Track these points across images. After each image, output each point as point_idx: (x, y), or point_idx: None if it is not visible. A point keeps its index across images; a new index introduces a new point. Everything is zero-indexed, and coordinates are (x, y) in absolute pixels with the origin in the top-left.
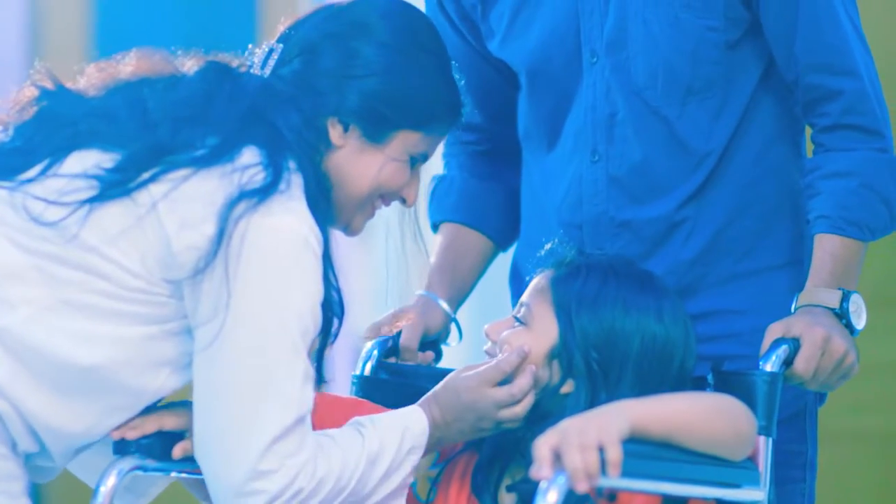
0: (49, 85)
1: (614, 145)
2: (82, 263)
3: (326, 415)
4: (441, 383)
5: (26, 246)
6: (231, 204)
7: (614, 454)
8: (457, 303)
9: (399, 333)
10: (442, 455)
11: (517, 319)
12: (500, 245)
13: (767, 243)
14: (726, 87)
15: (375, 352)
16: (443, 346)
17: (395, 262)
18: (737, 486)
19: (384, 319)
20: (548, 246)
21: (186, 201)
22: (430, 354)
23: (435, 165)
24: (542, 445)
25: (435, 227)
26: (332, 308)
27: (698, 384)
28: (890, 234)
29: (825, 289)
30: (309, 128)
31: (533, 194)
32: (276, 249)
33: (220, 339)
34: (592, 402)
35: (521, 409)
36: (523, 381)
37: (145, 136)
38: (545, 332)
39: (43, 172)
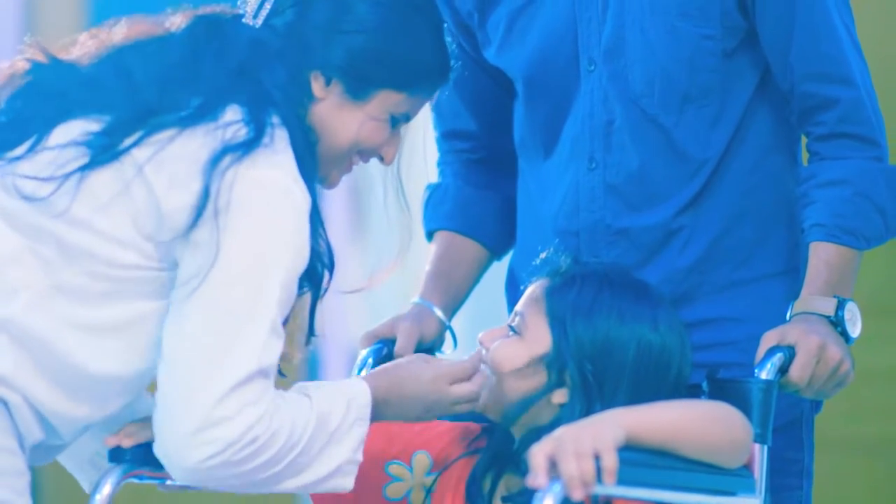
0: (41, 58)
1: (612, 153)
2: (74, 243)
3: None
4: (393, 365)
5: (20, 226)
6: (215, 159)
7: (610, 462)
8: (451, 310)
9: (394, 341)
10: (437, 464)
11: (511, 328)
12: (495, 253)
13: (764, 251)
14: (723, 95)
15: (370, 359)
16: (437, 354)
17: (378, 217)
18: (732, 493)
19: (380, 328)
20: (543, 255)
21: (172, 162)
22: None
23: (429, 173)
24: (538, 453)
25: (430, 236)
26: (322, 260)
27: (693, 392)
28: (884, 243)
29: (820, 297)
30: (294, 82)
31: (529, 202)
32: (262, 201)
33: (199, 287)
34: (587, 413)
35: (474, 393)
36: (474, 368)
37: (131, 99)
38: (538, 341)
39: (32, 148)
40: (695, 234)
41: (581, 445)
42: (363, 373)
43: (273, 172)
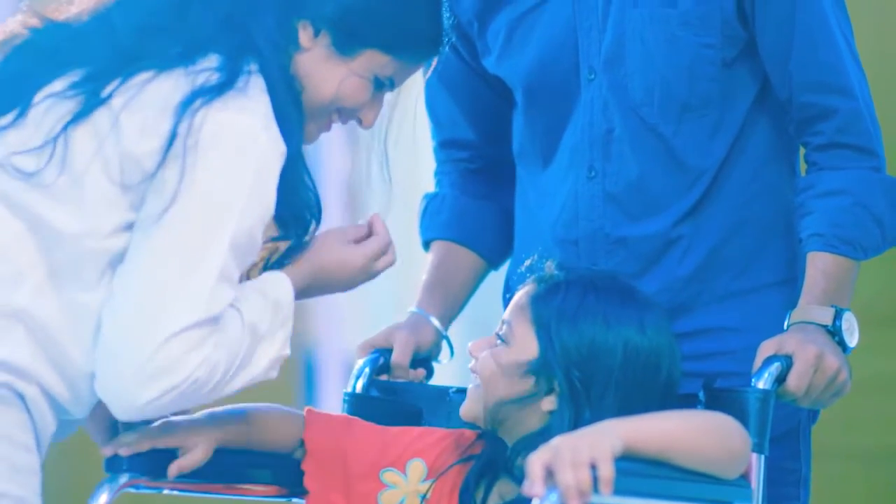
0: (35, 21)
1: (611, 162)
2: (61, 223)
3: (318, 433)
4: (314, 251)
5: (17, 209)
6: (186, 102)
7: (606, 471)
8: (448, 320)
9: (390, 351)
10: (432, 471)
11: (499, 337)
12: (492, 263)
13: (762, 261)
14: (722, 105)
15: (367, 369)
16: (434, 364)
17: (357, 184)
18: (729, 503)
19: (376, 337)
20: (528, 262)
21: (145, 106)
22: (421, 371)
23: (425, 182)
24: (535, 462)
25: (426, 245)
26: (310, 210)
27: (689, 401)
28: (881, 253)
29: (818, 306)
30: (281, 29)
31: (527, 211)
32: (226, 145)
33: (154, 227)
34: (576, 420)
35: (390, 263)
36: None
37: (111, 49)
38: (525, 349)
39: (20, 115)
40: (694, 243)
41: (578, 455)
42: (359, 383)
43: (242, 117)
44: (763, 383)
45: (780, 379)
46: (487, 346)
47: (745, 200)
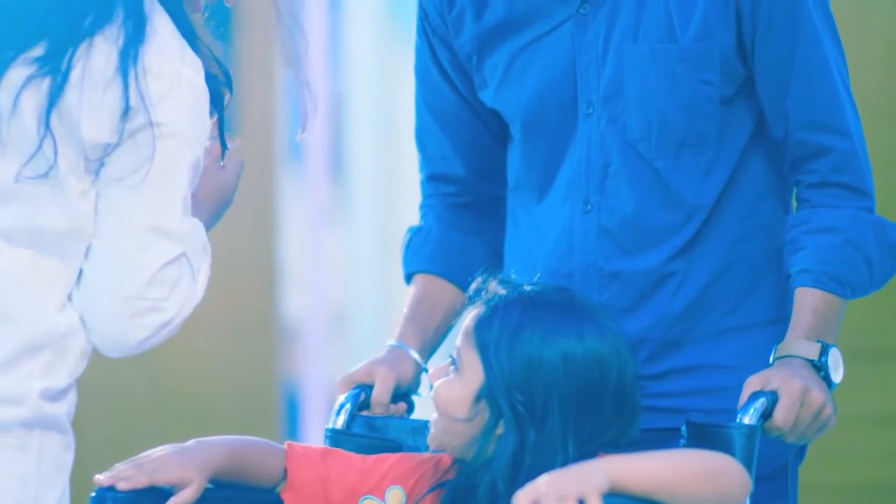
0: None
1: (607, 196)
2: (58, 221)
3: (299, 464)
4: (203, 180)
5: (15, 236)
6: (120, 66)
7: None
8: (428, 353)
9: (371, 387)
10: (410, 498)
11: (453, 364)
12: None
13: (754, 300)
14: (719, 142)
15: (348, 405)
16: (414, 398)
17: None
18: None
19: (357, 372)
20: (474, 285)
21: (91, 85)
22: (402, 406)
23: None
24: (521, 499)
25: (408, 279)
26: (219, 81)
27: (671, 436)
28: (868, 295)
29: (805, 341)
30: None
31: (520, 243)
32: (171, 90)
33: (122, 178)
34: (522, 442)
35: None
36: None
37: (61, 20)
38: (474, 376)
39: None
40: (687, 279)
41: (564, 490)
42: (340, 419)
43: (170, 57)
44: (749, 419)
45: (766, 414)
46: (444, 373)
47: (739, 238)
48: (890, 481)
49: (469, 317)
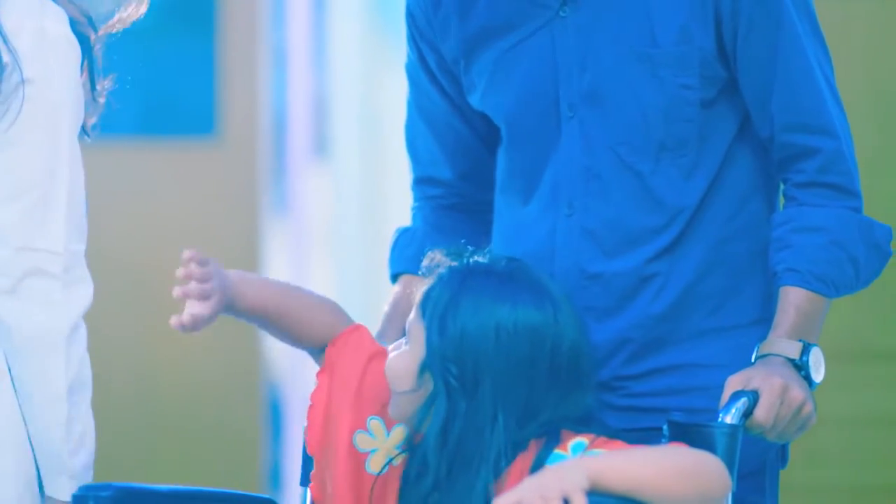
0: None
1: (589, 199)
2: None
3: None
4: None
5: None
6: None
7: (579, 501)
8: None
9: None
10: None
11: (405, 338)
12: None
13: (738, 300)
14: (700, 144)
15: None
16: None
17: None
18: None
19: None
20: (427, 260)
21: None
22: None
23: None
24: (502, 502)
25: (394, 279)
26: (85, 26)
27: (654, 436)
28: (854, 293)
29: (787, 340)
30: None
31: (506, 245)
32: (33, 45)
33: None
34: (452, 413)
35: None
36: None
37: None
38: (419, 348)
39: None
40: (669, 280)
41: (546, 490)
42: None
43: (30, 21)
44: (731, 418)
45: (747, 413)
46: (397, 346)
47: (724, 238)
48: (872, 481)
49: (420, 285)
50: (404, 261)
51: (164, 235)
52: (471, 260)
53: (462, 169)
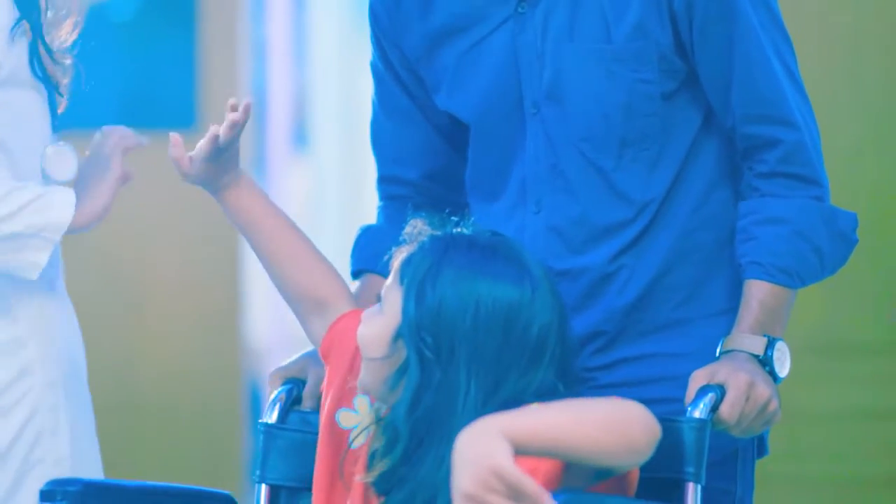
0: None
1: (556, 196)
2: None
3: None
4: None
5: None
6: None
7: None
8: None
9: (304, 382)
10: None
11: (379, 306)
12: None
13: (707, 290)
14: (663, 138)
15: (282, 399)
16: None
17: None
18: None
19: (290, 367)
20: (409, 228)
21: None
22: None
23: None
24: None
25: (355, 276)
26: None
27: None
28: (821, 280)
29: (751, 335)
30: None
31: None
32: None
33: None
34: (425, 383)
35: None
36: None
37: None
38: (394, 315)
39: None
40: (636, 273)
41: (480, 472)
42: (274, 414)
43: None
44: (699, 412)
45: (714, 408)
46: (371, 313)
47: (691, 229)
48: (850, 475)
49: (399, 253)
50: (364, 259)
51: (145, 228)
52: (454, 230)
53: (428, 168)
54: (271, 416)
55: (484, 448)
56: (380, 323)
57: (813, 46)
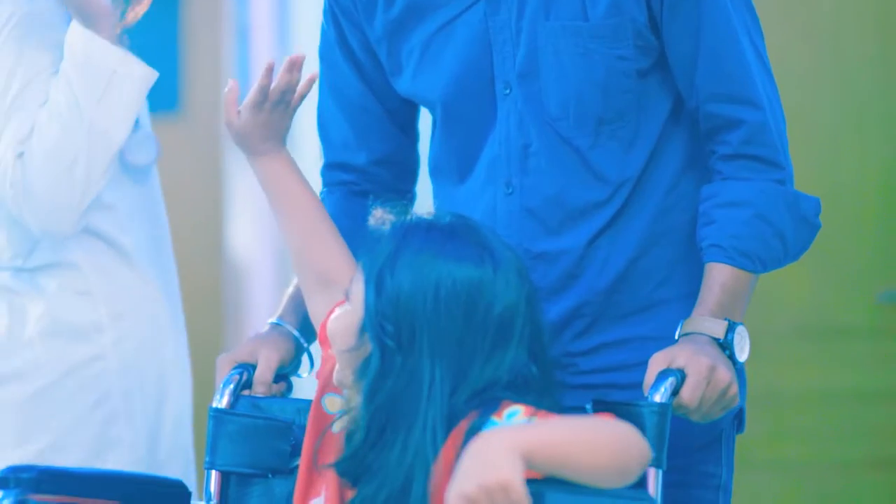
0: None
1: (529, 177)
2: None
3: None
4: None
5: None
6: None
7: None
8: (311, 334)
9: (254, 366)
10: None
11: (346, 296)
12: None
13: (683, 271)
14: (638, 115)
15: (232, 385)
16: (295, 378)
17: None
18: None
19: (239, 352)
20: (373, 219)
21: None
22: (281, 385)
23: None
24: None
25: None
26: None
27: (577, 413)
28: (783, 266)
29: (711, 318)
30: None
31: None
32: None
33: None
34: (385, 369)
35: None
36: None
37: None
38: (359, 305)
39: None
40: (613, 255)
41: (487, 481)
42: (225, 399)
43: None
44: (660, 396)
45: (675, 392)
46: (341, 305)
47: (665, 209)
48: (835, 457)
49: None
50: None
51: None
52: (413, 216)
53: (377, 154)
54: (221, 401)
55: (499, 459)
56: (347, 316)
57: (797, 28)
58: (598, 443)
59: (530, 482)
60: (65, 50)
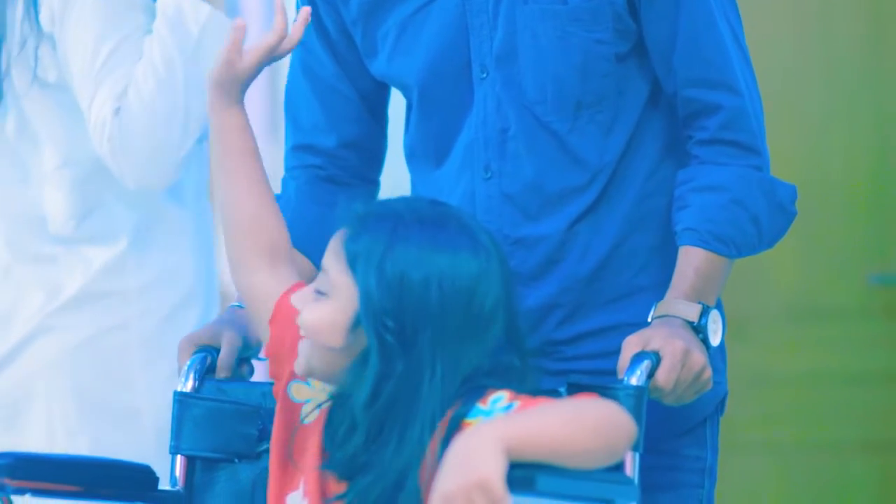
0: None
1: (507, 161)
2: None
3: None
4: None
5: None
6: None
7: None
8: None
9: (218, 350)
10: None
11: (318, 291)
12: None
13: (663, 257)
14: (617, 100)
15: (196, 368)
16: (255, 361)
17: None
18: (611, 501)
19: (202, 334)
20: (342, 204)
21: None
22: (243, 368)
23: None
24: None
25: None
26: None
27: (551, 397)
28: (758, 253)
29: (685, 301)
30: None
31: None
32: None
33: None
34: (387, 370)
35: None
36: None
37: None
38: (349, 299)
39: None
40: (593, 241)
41: (468, 479)
42: (189, 382)
43: None
44: (636, 379)
45: (650, 375)
46: (309, 297)
47: (644, 196)
48: (823, 439)
49: (337, 237)
50: None
51: None
52: (396, 204)
53: (347, 137)
54: (185, 385)
55: (479, 458)
56: (330, 311)
57: (786, 14)
58: (584, 426)
59: (520, 466)
60: (157, 9)
